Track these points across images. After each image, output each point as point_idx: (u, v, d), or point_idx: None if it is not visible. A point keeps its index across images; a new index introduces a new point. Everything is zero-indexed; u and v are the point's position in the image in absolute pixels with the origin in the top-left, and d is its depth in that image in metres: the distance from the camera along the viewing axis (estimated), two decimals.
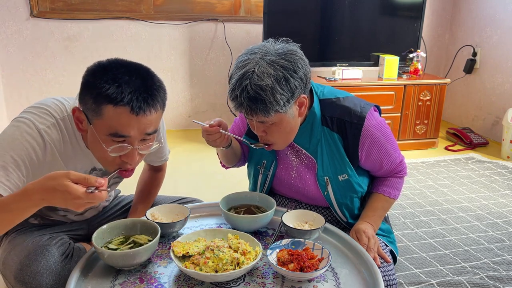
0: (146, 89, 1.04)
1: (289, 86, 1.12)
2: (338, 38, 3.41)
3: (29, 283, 1.16)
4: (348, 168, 1.30)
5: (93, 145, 1.10)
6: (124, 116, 1.02)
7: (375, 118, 1.30)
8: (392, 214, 2.29)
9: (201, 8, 3.53)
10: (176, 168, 2.94)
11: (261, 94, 1.10)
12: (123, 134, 1.04)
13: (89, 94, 1.03)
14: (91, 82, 1.03)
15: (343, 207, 1.35)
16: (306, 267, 1.05)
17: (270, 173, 1.41)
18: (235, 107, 1.17)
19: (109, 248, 1.11)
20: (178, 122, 3.80)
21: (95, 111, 1.03)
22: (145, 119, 1.05)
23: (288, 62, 1.13)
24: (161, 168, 1.59)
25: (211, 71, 3.72)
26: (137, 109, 1.02)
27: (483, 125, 3.79)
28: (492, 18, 3.63)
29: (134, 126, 1.04)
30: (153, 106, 1.06)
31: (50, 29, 3.28)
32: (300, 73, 1.15)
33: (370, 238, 1.26)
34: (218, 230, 1.20)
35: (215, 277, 1.01)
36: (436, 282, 1.69)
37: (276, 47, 1.17)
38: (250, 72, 1.11)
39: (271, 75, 1.10)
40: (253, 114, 1.16)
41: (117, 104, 1.01)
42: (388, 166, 1.35)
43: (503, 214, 2.33)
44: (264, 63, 1.11)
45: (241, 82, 1.11)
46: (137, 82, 1.03)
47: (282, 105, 1.13)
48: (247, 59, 1.14)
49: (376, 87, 3.22)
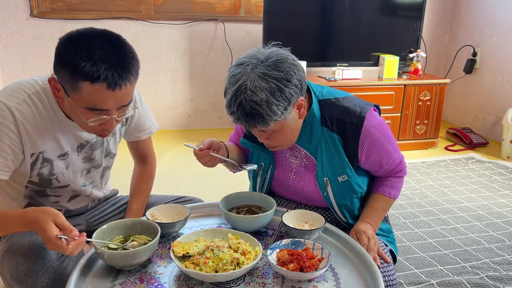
0: (120, 64, 1.06)
1: (284, 96, 1.12)
2: (338, 38, 3.41)
3: (25, 281, 1.17)
4: (348, 169, 1.30)
5: (72, 113, 1.15)
6: (101, 92, 1.05)
7: (375, 118, 1.30)
8: (392, 214, 2.29)
9: (201, 8, 3.53)
10: (176, 168, 2.94)
11: (257, 109, 1.10)
12: (101, 108, 1.08)
13: (64, 69, 1.05)
14: (66, 57, 1.04)
15: (342, 208, 1.35)
16: (306, 267, 1.04)
17: (268, 176, 1.41)
18: (234, 121, 1.17)
19: (109, 248, 1.11)
20: (178, 122, 3.80)
21: (72, 86, 1.05)
22: (121, 93, 1.07)
23: (280, 72, 1.11)
24: (149, 160, 1.58)
25: (211, 71, 3.72)
26: (113, 85, 1.04)
27: (483, 125, 3.79)
28: (492, 18, 3.63)
29: (111, 100, 1.07)
30: (128, 79, 1.08)
31: (50, 29, 3.28)
32: (294, 80, 1.13)
33: (370, 238, 1.26)
34: (218, 230, 1.20)
35: (215, 277, 1.01)
36: (436, 282, 1.69)
37: (266, 54, 1.15)
38: (243, 88, 1.10)
39: (264, 88, 1.09)
40: (252, 127, 1.16)
41: (94, 82, 1.03)
42: (388, 166, 1.35)
43: (503, 214, 2.33)
44: (256, 77, 1.10)
45: (236, 98, 1.11)
46: (111, 57, 1.04)
47: (280, 114, 1.13)
48: (239, 72, 1.12)
49: (376, 87, 3.22)
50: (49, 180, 1.28)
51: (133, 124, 1.46)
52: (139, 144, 1.54)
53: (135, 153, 1.57)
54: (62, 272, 1.20)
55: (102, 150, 1.38)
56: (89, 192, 1.43)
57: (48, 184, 1.29)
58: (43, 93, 1.18)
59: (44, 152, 1.22)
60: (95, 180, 1.43)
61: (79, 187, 1.37)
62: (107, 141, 1.39)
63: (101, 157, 1.40)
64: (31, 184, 1.29)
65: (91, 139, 1.31)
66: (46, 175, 1.26)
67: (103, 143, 1.37)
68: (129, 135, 1.49)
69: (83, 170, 1.36)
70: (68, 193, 1.37)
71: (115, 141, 1.44)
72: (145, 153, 1.57)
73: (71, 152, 1.28)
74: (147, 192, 1.56)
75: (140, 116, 1.47)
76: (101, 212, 1.51)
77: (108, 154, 1.43)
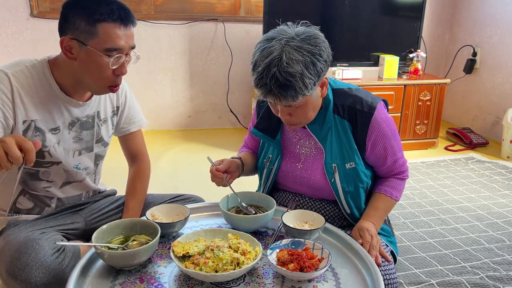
0: (124, 7, 1.23)
1: (316, 70, 1.14)
2: (338, 38, 3.42)
3: (19, 275, 1.17)
4: (356, 156, 1.32)
5: (87, 68, 1.24)
6: (117, 29, 1.20)
7: (384, 112, 1.34)
8: (392, 214, 2.29)
9: (201, 8, 3.53)
10: (176, 168, 2.94)
11: (292, 80, 1.11)
12: (117, 47, 1.21)
13: (80, 19, 1.18)
14: (80, 8, 1.19)
15: (348, 196, 1.35)
16: (306, 267, 1.05)
17: (274, 167, 1.42)
18: (263, 94, 1.16)
19: (109, 248, 1.11)
20: (178, 122, 3.80)
21: (90, 32, 1.18)
22: (130, 32, 1.24)
23: (313, 46, 1.14)
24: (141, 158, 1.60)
25: (211, 71, 3.72)
26: (126, 21, 1.21)
27: (483, 125, 3.79)
28: (492, 18, 3.63)
29: (123, 38, 1.22)
30: (133, 19, 1.25)
31: (50, 29, 3.28)
32: (325, 55, 1.17)
33: (373, 236, 1.27)
34: (218, 230, 1.21)
35: (215, 277, 1.02)
36: (436, 282, 1.69)
37: (296, 31, 1.17)
38: (277, 59, 1.11)
39: (299, 61, 1.11)
40: (282, 100, 1.16)
41: (110, 20, 1.19)
42: (391, 163, 1.36)
43: (503, 214, 2.33)
44: (291, 49, 1.12)
45: (269, 70, 1.11)
46: (115, 2, 1.22)
47: (310, 88, 1.15)
48: (271, 46, 1.13)
49: (376, 87, 3.22)
50: (42, 153, 1.31)
51: (124, 115, 1.52)
52: (131, 140, 1.57)
53: (128, 151, 1.60)
54: (57, 268, 1.21)
55: (92, 133, 1.43)
56: (81, 177, 1.45)
57: (40, 157, 1.31)
58: (39, 66, 1.29)
59: (36, 122, 1.28)
60: (89, 167, 1.46)
61: (71, 167, 1.40)
62: (97, 124, 1.44)
63: (92, 140, 1.44)
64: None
65: (81, 116, 1.38)
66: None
67: (94, 126, 1.42)
68: (120, 127, 1.54)
69: (75, 151, 1.40)
70: (60, 176, 1.39)
71: (107, 129, 1.48)
72: (137, 150, 1.60)
73: (63, 128, 1.34)
74: (143, 191, 1.57)
75: (131, 109, 1.54)
76: (99, 210, 1.52)
77: (99, 140, 1.46)
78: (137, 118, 1.57)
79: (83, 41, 1.19)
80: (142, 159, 1.60)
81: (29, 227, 1.33)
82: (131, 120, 1.55)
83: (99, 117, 1.44)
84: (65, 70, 1.28)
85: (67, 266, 1.23)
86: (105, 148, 1.51)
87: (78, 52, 1.21)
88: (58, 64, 1.30)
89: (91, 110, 1.40)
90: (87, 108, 1.39)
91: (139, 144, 1.60)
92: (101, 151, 1.50)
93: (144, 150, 1.62)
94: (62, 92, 1.31)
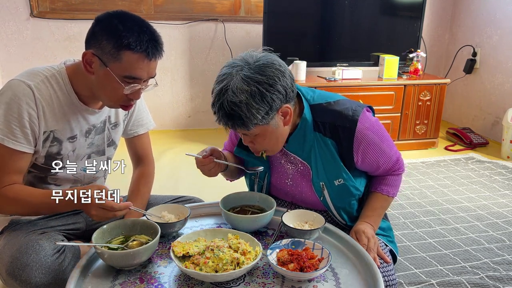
0: (155, 39, 1.22)
1: (265, 101, 1.12)
2: (338, 38, 3.41)
3: (19, 276, 1.17)
4: (343, 173, 1.29)
5: (103, 86, 1.24)
6: (140, 61, 1.19)
7: (367, 119, 1.29)
8: (392, 214, 2.29)
9: (201, 8, 3.53)
10: (176, 168, 2.94)
11: (236, 110, 1.11)
12: (137, 77, 1.21)
13: (107, 40, 1.17)
14: (111, 29, 1.17)
15: (341, 210, 1.35)
16: (306, 267, 1.05)
17: (265, 183, 1.42)
18: (217, 121, 1.18)
19: (109, 248, 1.11)
20: (178, 122, 3.80)
21: (114, 55, 1.18)
22: (153, 64, 1.24)
23: (263, 76, 1.12)
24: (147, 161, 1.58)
25: (211, 71, 3.72)
26: (151, 55, 1.20)
27: (483, 125, 3.79)
28: (492, 18, 3.63)
29: (145, 70, 1.22)
30: (160, 53, 1.24)
31: (50, 29, 3.28)
32: (278, 86, 1.13)
33: (370, 238, 1.26)
34: (218, 230, 1.21)
35: (215, 277, 1.02)
36: (436, 282, 1.69)
37: (256, 58, 1.15)
38: (225, 89, 1.11)
39: (244, 91, 1.10)
40: (232, 127, 1.17)
41: (137, 51, 1.18)
42: (386, 165, 1.35)
43: (503, 214, 2.33)
44: (239, 79, 1.11)
45: (219, 98, 1.12)
46: (148, 32, 1.20)
47: (261, 118, 1.13)
48: (225, 73, 1.14)
49: (376, 87, 3.21)
50: (55, 159, 1.32)
51: (133, 117, 1.52)
52: (138, 142, 1.56)
53: (134, 153, 1.58)
54: (58, 269, 1.20)
55: (103, 137, 1.43)
56: (90, 179, 1.45)
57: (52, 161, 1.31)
58: (58, 76, 1.28)
59: (55, 132, 1.29)
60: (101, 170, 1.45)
61: (79, 170, 1.39)
62: (108, 129, 1.44)
63: (103, 143, 1.44)
64: (34, 169, 1.32)
65: (97, 123, 1.38)
66: (54, 154, 1.31)
67: (104, 130, 1.42)
68: (128, 129, 1.53)
69: (85, 155, 1.40)
70: (68, 179, 1.39)
71: (118, 132, 1.49)
72: (143, 153, 1.58)
73: (79, 135, 1.35)
74: (146, 194, 1.55)
75: (140, 112, 1.54)
76: None
77: (111, 143, 1.47)
78: (146, 121, 1.56)
79: (105, 61, 1.19)
80: (148, 161, 1.59)
81: (30, 227, 1.33)
82: (140, 123, 1.55)
83: (109, 121, 1.44)
84: (83, 80, 1.28)
85: (67, 267, 1.23)
86: (114, 150, 1.51)
87: (97, 69, 1.21)
88: (77, 73, 1.29)
89: (104, 115, 1.41)
90: (102, 114, 1.40)
91: (145, 146, 1.59)
92: (111, 153, 1.50)
93: (150, 152, 1.61)
94: (80, 102, 1.31)
